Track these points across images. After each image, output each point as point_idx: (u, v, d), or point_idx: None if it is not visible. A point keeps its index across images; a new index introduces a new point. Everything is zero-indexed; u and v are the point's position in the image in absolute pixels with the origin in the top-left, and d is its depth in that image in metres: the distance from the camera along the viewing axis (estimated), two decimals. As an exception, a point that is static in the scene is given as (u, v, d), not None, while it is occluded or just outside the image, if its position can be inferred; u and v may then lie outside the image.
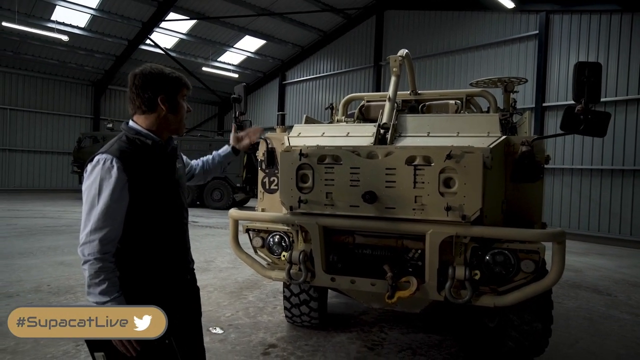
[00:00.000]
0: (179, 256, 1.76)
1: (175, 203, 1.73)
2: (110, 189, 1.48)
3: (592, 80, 2.42)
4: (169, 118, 1.65)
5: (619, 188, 10.62)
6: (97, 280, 1.46)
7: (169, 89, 1.63)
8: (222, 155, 2.22)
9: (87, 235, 1.47)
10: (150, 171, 1.61)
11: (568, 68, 11.56)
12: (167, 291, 1.66)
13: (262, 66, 20.31)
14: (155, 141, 1.63)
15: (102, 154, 1.53)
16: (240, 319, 4.14)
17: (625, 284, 6.39)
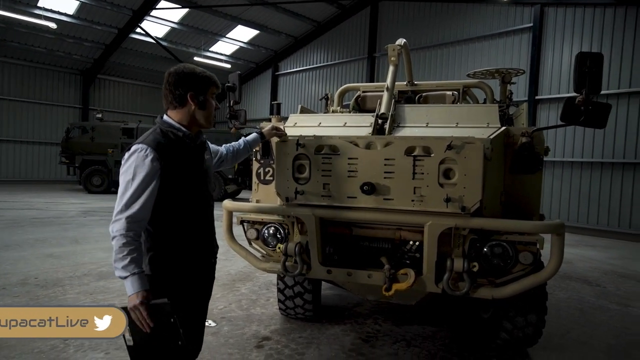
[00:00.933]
0: (206, 240, 1.93)
1: (203, 191, 1.89)
2: (143, 175, 1.63)
3: (593, 70, 2.38)
4: (198, 113, 1.81)
5: (608, 180, 10.72)
6: (120, 256, 1.58)
7: (199, 87, 1.79)
8: (249, 140, 2.43)
9: (117, 214, 1.63)
10: (181, 161, 1.76)
11: (561, 61, 11.59)
12: (193, 271, 1.84)
13: (255, 57, 20.08)
14: (185, 134, 1.80)
15: (139, 143, 1.70)
16: (233, 312, 4.10)
17: (614, 275, 6.47)
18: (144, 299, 1.57)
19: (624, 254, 8.41)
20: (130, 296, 1.57)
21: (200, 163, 1.89)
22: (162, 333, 1.59)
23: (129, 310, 1.58)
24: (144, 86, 21.45)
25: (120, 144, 15.20)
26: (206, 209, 1.93)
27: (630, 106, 10.37)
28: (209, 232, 1.96)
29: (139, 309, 1.56)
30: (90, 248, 6.53)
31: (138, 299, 1.56)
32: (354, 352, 3.31)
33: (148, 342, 1.61)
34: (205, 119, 1.84)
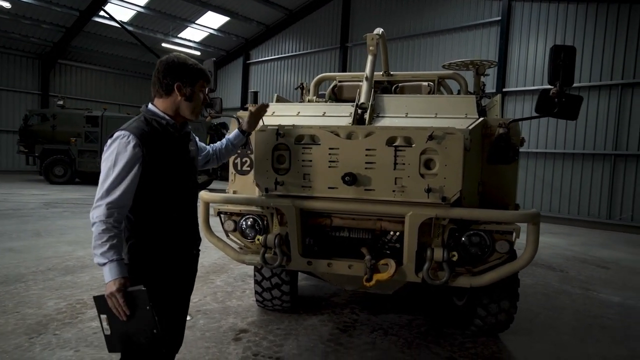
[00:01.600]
0: (188, 231, 1.90)
1: (186, 181, 1.88)
2: (124, 162, 1.62)
3: (567, 63, 2.43)
4: (183, 105, 1.79)
5: (570, 170, 11.21)
6: (99, 242, 1.57)
7: (187, 78, 1.76)
8: (232, 139, 2.38)
9: (97, 201, 1.62)
10: (164, 149, 1.74)
11: (527, 55, 11.93)
12: (173, 262, 1.82)
13: (226, 44, 19.64)
14: (169, 122, 1.78)
15: (121, 130, 1.68)
16: (209, 304, 4.03)
17: (576, 261, 6.79)
18: (121, 286, 1.55)
19: (584, 240, 8.83)
20: (108, 283, 1.55)
21: (184, 153, 1.88)
22: (138, 321, 1.57)
23: (106, 297, 1.56)
24: (109, 72, 20.59)
25: (84, 132, 14.56)
26: (189, 199, 1.92)
27: (589, 100, 10.82)
28: (192, 223, 1.94)
29: (115, 296, 1.54)
30: (54, 241, 6.25)
31: (115, 286, 1.54)
32: (332, 342, 3.31)
33: (125, 331, 1.59)
34: (190, 112, 1.81)
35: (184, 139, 1.89)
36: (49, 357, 2.85)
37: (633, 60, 10.29)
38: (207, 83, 1.86)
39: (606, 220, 10.54)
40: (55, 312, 3.63)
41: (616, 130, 10.54)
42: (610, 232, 10.02)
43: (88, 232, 6.92)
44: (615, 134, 10.55)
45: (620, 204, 10.49)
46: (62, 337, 3.16)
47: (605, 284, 5.43)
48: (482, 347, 3.32)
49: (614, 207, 10.58)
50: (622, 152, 10.45)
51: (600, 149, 10.77)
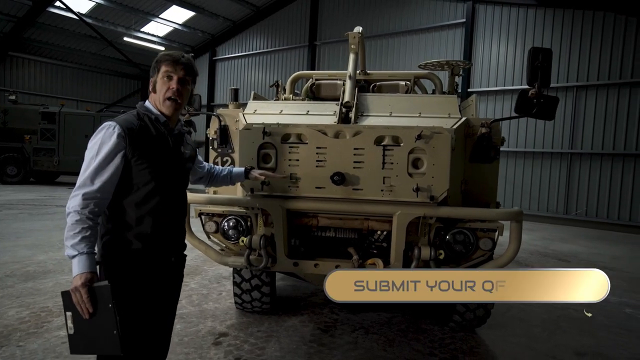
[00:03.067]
0: (168, 235, 1.78)
1: (173, 183, 1.78)
2: (106, 151, 1.56)
3: (545, 65, 2.51)
4: (154, 98, 1.74)
5: (530, 168, 11.71)
6: (71, 233, 1.50)
7: (152, 70, 1.74)
8: (233, 172, 2.32)
9: (74, 190, 1.56)
10: (151, 146, 1.66)
11: (490, 56, 12.35)
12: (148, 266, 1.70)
13: (191, 40, 19.13)
14: (158, 118, 1.72)
15: (111, 121, 1.62)
16: (185, 308, 3.89)
17: (539, 255, 7.10)
18: (87, 280, 1.47)
19: (544, 235, 9.25)
20: (75, 277, 1.48)
21: (175, 154, 1.79)
22: (100, 320, 1.49)
23: (70, 292, 1.47)
24: (66, 67, 19.53)
25: (39, 129, 13.76)
26: (175, 202, 1.81)
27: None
28: (175, 227, 1.82)
29: (79, 290, 1.46)
30: (11, 245, 5.86)
31: (80, 280, 1.46)
32: (315, 342, 3.29)
33: (88, 331, 1.51)
34: (160, 104, 1.72)
35: (177, 138, 1.81)
36: (15, 371, 2.67)
37: (586, 64, 10.86)
38: (173, 66, 1.70)
39: (564, 216, 11.09)
40: (18, 321, 3.40)
41: (572, 130, 11.10)
42: (568, 227, 10.54)
43: (48, 235, 6.55)
44: (571, 133, 11.10)
45: (576, 200, 11.07)
46: (27, 349, 2.96)
47: (568, 277, 5.70)
48: (461, 342, 3.39)
49: (571, 203, 11.14)
50: (577, 150, 11.01)
51: (558, 148, 11.30)
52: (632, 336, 3.77)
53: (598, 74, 10.69)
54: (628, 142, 10.33)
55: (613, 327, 3.92)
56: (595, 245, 8.32)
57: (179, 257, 1.88)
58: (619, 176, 10.46)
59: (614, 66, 10.49)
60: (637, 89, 10.21)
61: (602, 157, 10.71)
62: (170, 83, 1.70)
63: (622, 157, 10.41)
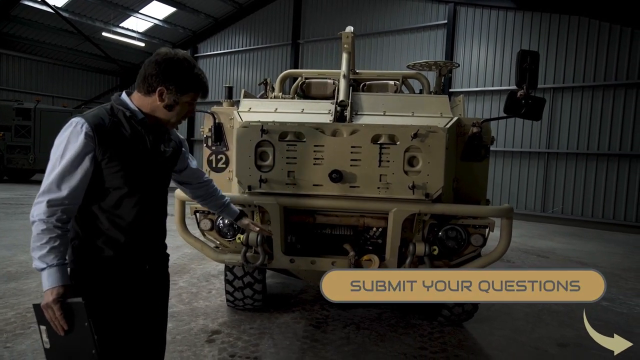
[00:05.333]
0: (143, 240, 1.64)
1: (149, 185, 1.61)
2: (73, 154, 1.42)
3: (532, 67, 2.61)
4: (160, 111, 1.55)
5: (509, 167, 12.03)
6: (38, 244, 1.38)
7: (175, 86, 1.51)
8: (228, 205, 2.19)
9: (38, 196, 1.42)
10: (125, 146, 1.51)
11: (471, 57, 12.60)
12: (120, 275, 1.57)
13: (172, 36, 18.82)
14: (136, 118, 1.54)
15: (78, 117, 1.47)
16: (175, 307, 3.87)
17: (519, 252, 7.31)
18: (59, 296, 1.36)
19: (522, 232, 9.51)
20: (46, 292, 1.37)
21: (153, 154, 1.60)
22: (77, 338, 1.39)
23: (42, 308, 1.37)
24: (42, 62, 18.91)
25: (13, 126, 13.33)
26: (151, 207, 1.64)
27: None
28: (151, 233, 1.68)
29: (51, 307, 1.36)
30: (-12, 246, 5.69)
31: (52, 296, 1.35)
32: (308, 339, 3.32)
33: (66, 347, 1.41)
34: (166, 120, 1.57)
35: (157, 136, 1.62)
36: (5, 372, 2.62)
37: (562, 65, 11.21)
38: (200, 97, 1.58)
39: (541, 213, 11.42)
40: (3, 322, 3.32)
41: (549, 130, 11.44)
42: (545, 224, 10.87)
43: (27, 235, 6.33)
44: (548, 133, 11.44)
45: (553, 198, 11.42)
46: (16, 350, 2.90)
47: (547, 272, 5.90)
48: (449, 336, 3.48)
49: (548, 201, 11.49)
50: (553, 150, 11.36)
51: (535, 147, 11.64)
52: (608, 328, 3.94)
53: (573, 76, 11.06)
54: (601, 143, 10.72)
55: (591, 320, 4.06)
56: (571, 241, 8.61)
57: (155, 264, 1.72)
58: (593, 175, 10.85)
59: (588, 69, 10.86)
60: (611, 91, 10.61)
61: (577, 156, 11.08)
62: (190, 108, 1.59)
63: (596, 157, 10.79)
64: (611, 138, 10.58)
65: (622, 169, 10.49)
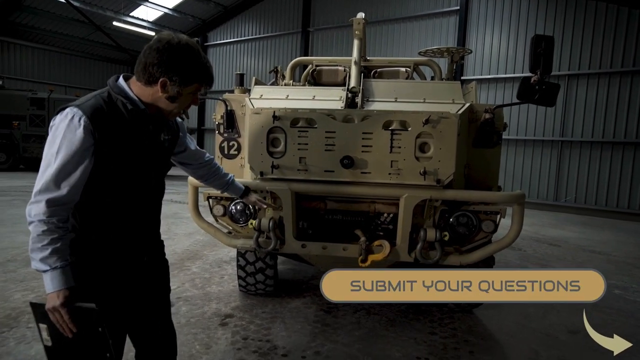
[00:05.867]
0: (141, 231, 1.60)
1: (148, 175, 1.55)
2: (71, 150, 1.32)
3: (547, 52, 2.58)
4: (162, 102, 1.44)
5: (521, 155, 11.90)
6: (39, 245, 1.30)
7: (179, 76, 1.40)
8: (232, 182, 2.13)
9: (35, 195, 1.32)
10: (123, 137, 1.41)
11: (484, 44, 12.40)
12: (117, 267, 1.52)
13: (182, 25, 18.81)
14: (137, 109, 1.44)
15: (74, 107, 1.35)
16: (189, 291, 3.96)
17: (530, 240, 7.27)
18: (66, 299, 1.30)
19: (534, 221, 9.44)
20: (50, 294, 1.30)
21: (153, 144, 1.54)
22: (87, 340, 1.36)
23: (47, 310, 1.30)
24: (54, 52, 19.09)
25: (28, 115, 13.54)
26: (149, 198, 1.60)
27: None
28: (148, 225, 1.64)
29: (58, 310, 1.29)
30: (8, 231, 5.84)
31: (59, 300, 1.29)
32: (319, 323, 3.38)
33: (70, 345, 1.37)
34: (167, 110, 1.47)
35: (156, 125, 1.55)
36: (27, 351, 2.71)
37: (578, 52, 10.98)
38: (205, 87, 1.49)
39: (553, 202, 11.31)
40: (24, 304, 3.43)
41: (563, 118, 11.26)
42: (557, 213, 10.77)
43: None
44: (562, 121, 11.27)
45: (566, 187, 11.29)
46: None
47: (558, 260, 5.87)
48: (459, 322, 3.51)
49: (560, 190, 11.37)
50: (567, 138, 11.20)
51: (549, 136, 11.47)
52: (620, 315, 3.93)
53: (590, 62, 10.83)
54: (617, 130, 10.53)
55: (603, 308, 4.08)
56: (584, 230, 8.53)
57: (153, 256, 1.68)
58: (608, 163, 10.68)
59: (605, 55, 10.62)
60: (628, 78, 10.38)
61: (591, 145, 10.91)
62: (194, 99, 1.50)
63: (611, 145, 10.62)
64: (627, 126, 10.38)
65: (637, 157, 10.31)
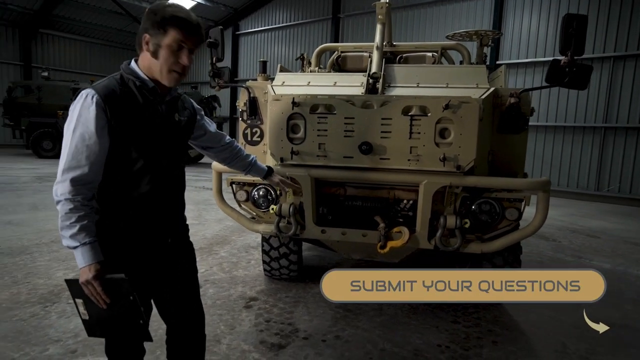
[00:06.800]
0: (162, 212, 1.63)
1: (164, 155, 1.57)
2: (86, 128, 1.38)
3: (578, 32, 2.45)
4: (153, 63, 1.46)
5: (560, 143, 11.38)
6: (67, 223, 1.37)
7: (154, 29, 1.43)
8: (255, 163, 2.12)
9: (60, 174, 1.40)
10: (136, 116, 1.46)
11: (522, 26, 11.86)
12: (141, 247, 1.58)
13: (214, 14, 19.06)
14: (145, 86, 1.48)
15: (88, 88, 1.42)
16: (216, 274, 4.09)
17: (566, 231, 7.00)
18: (98, 272, 1.37)
19: (573, 211, 9.07)
20: (82, 269, 1.37)
21: (167, 124, 1.57)
22: (120, 310, 1.43)
23: (81, 284, 1.38)
24: (95, 43, 19.91)
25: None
26: (169, 178, 1.62)
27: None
28: (170, 206, 1.66)
29: (91, 283, 1.36)
30: (52, 215, 6.20)
31: (91, 273, 1.36)
32: (340, 308, 3.42)
33: (105, 317, 1.46)
34: (158, 72, 1.46)
35: (170, 105, 1.58)
36: (67, 324, 2.90)
37: (625, 33, 10.31)
38: (186, 36, 1.43)
39: (595, 192, 10.80)
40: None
41: (607, 103, 10.66)
42: (598, 204, 10.29)
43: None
44: (605, 106, 10.67)
45: (609, 176, 10.74)
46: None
47: (596, 252, 5.63)
48: (484, 312, 3.45)
49: (603, 179, 10.82)
50: (611, 124, 10.61)
51: (591, 122, 10.91)
52: (660, 309, 3.75)
53: (638, 43, 10.15)
54: (667, 116, 9.88)
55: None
56: (626, 222, 8.12)
57: (176, 237, 1.72)
58: (656, 151, 10.06)
59: (655, 35, 9.94)
60: (680, 59, 9.67)
61: (638, 131, 10.29)
62: (180, 55, 1.45)
63: (659, 131, 9.98)
64: (678, 110, 9.72)
65: (689, 144, 9.65)
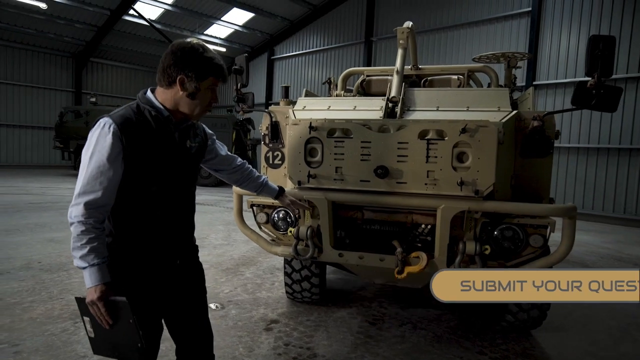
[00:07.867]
0: (172, 235, 1.70)
1: (177, 181, 1.66)
2: (102, 155, 1.46)
3: (606, 54, 2.38)
4: (184, 101, 1.57)
5: (604, 166, 10.83)
6: (78, 244, 1.44)
7: (194, 72, 1.53)
8: (266, 184, 2.18)
9: (75, 198, 1.47)
10: (151, 144, 1.54)
11: (559, 46, 11.56)
12: (151, 269, 1.64)
13: (251, 40, 19.81)
14: (161, 115, 1.57)
15: (105, 117, 1.51)
16: (240, 295, 4.13)
17: (611, 259, 6.58)
18: (102, 294, 1.43)
19: (619, 238, 8.54)
20: (89, 289, 1.44)
21: (180, 150, 1.65)
22: (122, 332, 1.49)
23: (87, 304, 1.46)
24: (138, 70, 21.16)
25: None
26: (180, 203, 1.70)
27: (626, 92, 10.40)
28: (180, 229, 1.74)
29: (96, 304, 1.43)
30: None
31: (96, 294, 1.43)
32: (361, 334, 3.35)
33: (110, 337, 1.52)
34: (190, 110, 1.59)
35: (183, 132, 1.66)
36: (92, 342, 3.00)
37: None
38: (220, 81, 1.60)
39: (642, 218, 10.14)
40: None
41: (656, 124, 10.11)
42: (647, 230, 9.65)
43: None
44: (654, 127, 10.12)
45: (659, 201, 10.08)
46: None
47: (641, 283, 5.25)
48: (514, 343, 3.29)
49: (652, 204, 10.17)
50: (662, 147, 10.02)
51: (637, 144, 10.35)
52: None
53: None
54: None
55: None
56: (679, 250, 7.55)
57: (185, 258, 1.79)
58: None
59: None
60: None
61: (689, 153, 9.65)
62: (212, 95, 1.61)
63: None
64: None
65: None
